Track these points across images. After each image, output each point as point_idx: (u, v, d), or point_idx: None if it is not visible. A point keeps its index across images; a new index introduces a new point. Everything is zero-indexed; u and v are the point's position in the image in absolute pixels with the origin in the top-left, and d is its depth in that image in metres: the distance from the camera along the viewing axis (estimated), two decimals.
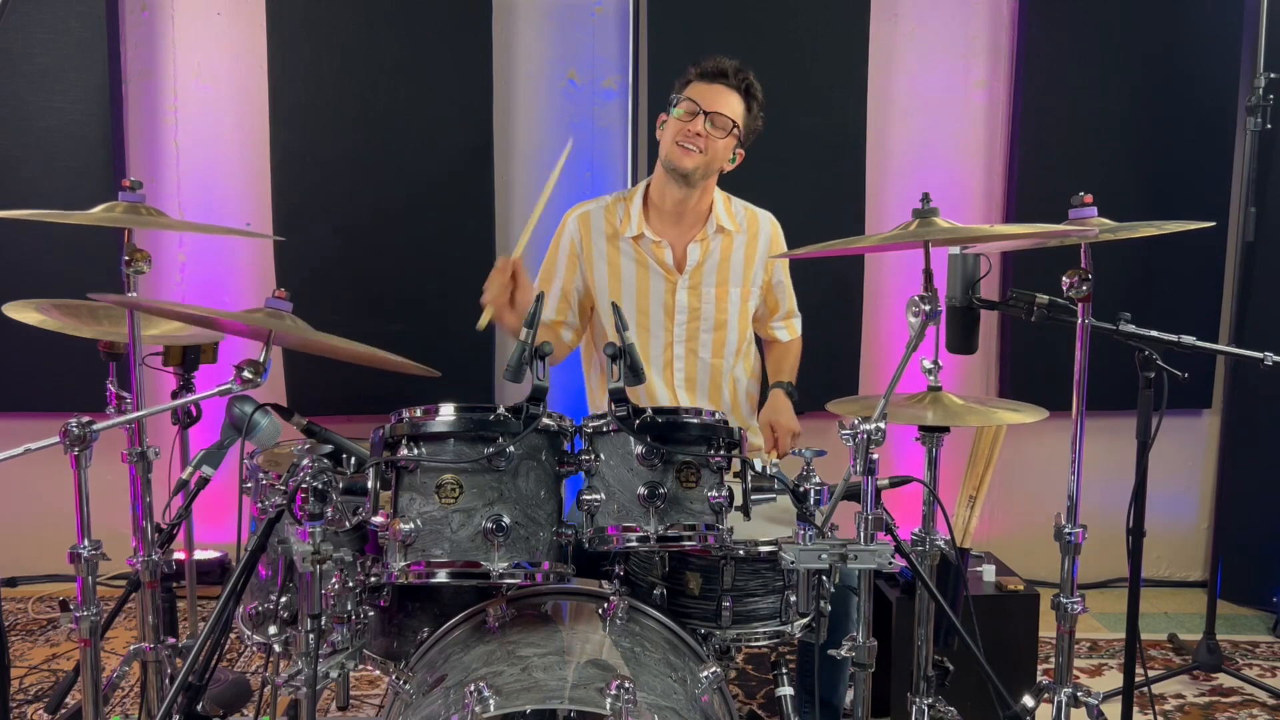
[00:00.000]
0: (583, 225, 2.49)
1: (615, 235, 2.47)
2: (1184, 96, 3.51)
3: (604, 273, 2.47)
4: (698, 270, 2.46)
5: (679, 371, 2.49)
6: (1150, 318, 2.01)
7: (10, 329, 2.34)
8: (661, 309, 2.47)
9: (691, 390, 2.51)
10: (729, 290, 2.48)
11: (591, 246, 2.48)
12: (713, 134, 2.33)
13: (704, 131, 2.32)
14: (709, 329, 2.48)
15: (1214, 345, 2.04)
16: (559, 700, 1.46)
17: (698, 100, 2.34)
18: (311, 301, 2.00)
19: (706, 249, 2.45)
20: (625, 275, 2.47)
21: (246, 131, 3.43)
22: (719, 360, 2.50)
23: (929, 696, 2.02)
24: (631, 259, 2.47)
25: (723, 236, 2.46)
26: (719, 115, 2.33)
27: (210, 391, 1.69)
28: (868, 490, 1.56)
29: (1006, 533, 3.55)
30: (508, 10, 3.45)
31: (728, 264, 2.47)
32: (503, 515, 1.55)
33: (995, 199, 3.63)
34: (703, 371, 2.50)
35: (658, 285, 2.46)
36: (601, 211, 2.50)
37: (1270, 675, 3.03)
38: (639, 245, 2.46)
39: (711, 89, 2.36)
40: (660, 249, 2.45)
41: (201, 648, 1.60)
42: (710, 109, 2.33)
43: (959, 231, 1.75)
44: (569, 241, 2.50)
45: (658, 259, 2.45)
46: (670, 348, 2.48)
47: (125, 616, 3.05)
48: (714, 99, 2.35)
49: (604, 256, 2.47)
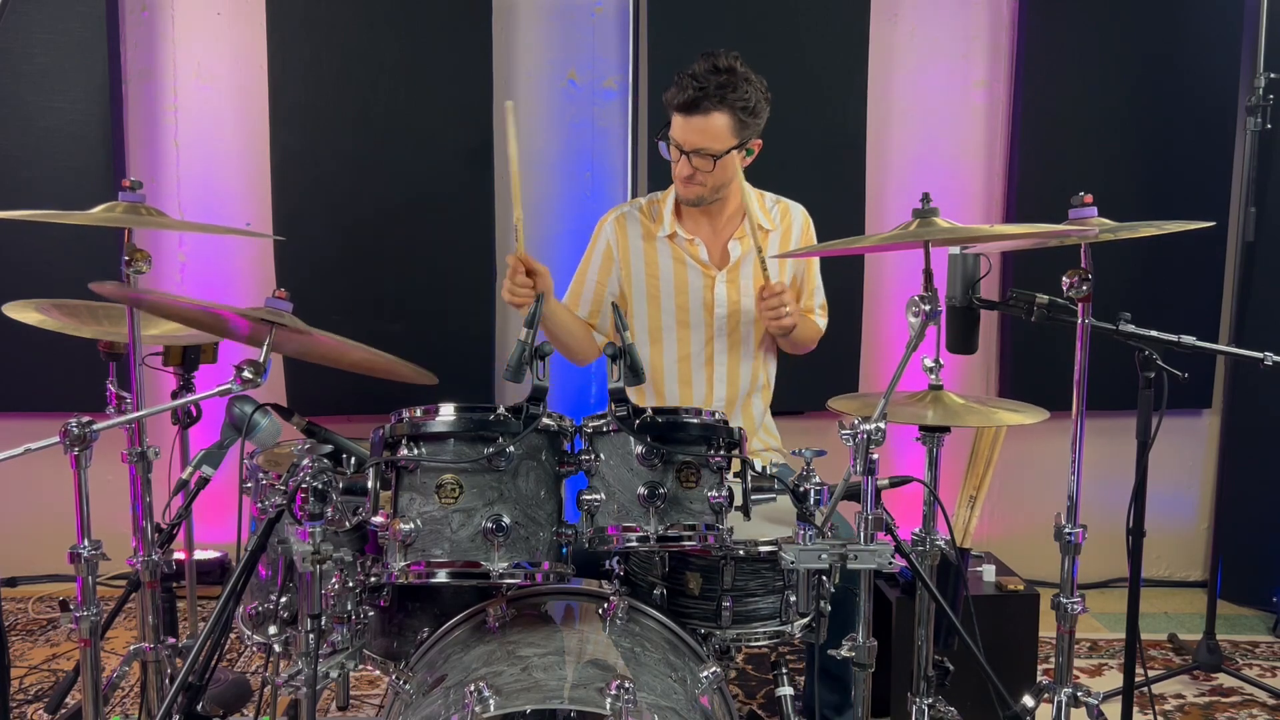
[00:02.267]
0: (619, 227, 2.49)
1: (651, 234, 2.47)
2: (1184, 96, 3.51)
3: (641, 271, 2.47)
4: (737, 266, 2.46)
5: (720, 367, 2.48)
6: (1150, 318, 2.01)
7: (10, 329, 2.34)
8: (701, 305, 2.46)
9: (733, 385, 2.49)
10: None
11: (629, 247, 2.48)
12: (702, 167, 2.29)
13: (693, 169, 2.30)
14: (750, 322, 2.48)
15: (1214, 345, 2.04)
16: (559, 700, 1.46)
17: (678, 140, 2.29)
18: (311, 301, 2.00)
19: (747, 245, 2.45)
20: (663, 272, 2.46)
21: (246, 131, 3.43)
22: (760, 352, 2.51)
23: (929, 696, 2.02)
24: (669, 256, 2.47)
25: (760, 233, 2.44)
26: (700, 152, 2.27)
27: (210, 391, 1.69)
28: (868, 490, 1.56)
29: (1006, 533, 3.55)
30: (508, 10, 3.45)
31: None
32: (503, 515, 1.55)
33: (995, 199, 3.63)
34: (745, 365, 2.49)
35: (696, 281, 2.46)
36: (636, 213, 2.50)
37: (1270, 675, 3.03)
38: (674, 243, 2.46)
39: (689, 122, 2.26)
40: (695, 246, 2.45)
41: (201, 648, 1.60)
42: (691, 148, 2.28)
43: (959, 231, 1.75)
44: (605, 243, 2.50)
45: (694, 256, 2.45)
46: (711, 343, 2.48)
47: (125, 616, 3.05)
48: (692, 135, 2.27)
49: (640, 255, 2.47)
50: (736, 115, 2.27)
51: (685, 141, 2.29)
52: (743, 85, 2.26)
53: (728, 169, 2.32)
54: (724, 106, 2.25)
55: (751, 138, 2.34)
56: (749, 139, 2.34)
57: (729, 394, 2.50)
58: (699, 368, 2.49)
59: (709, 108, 2.24)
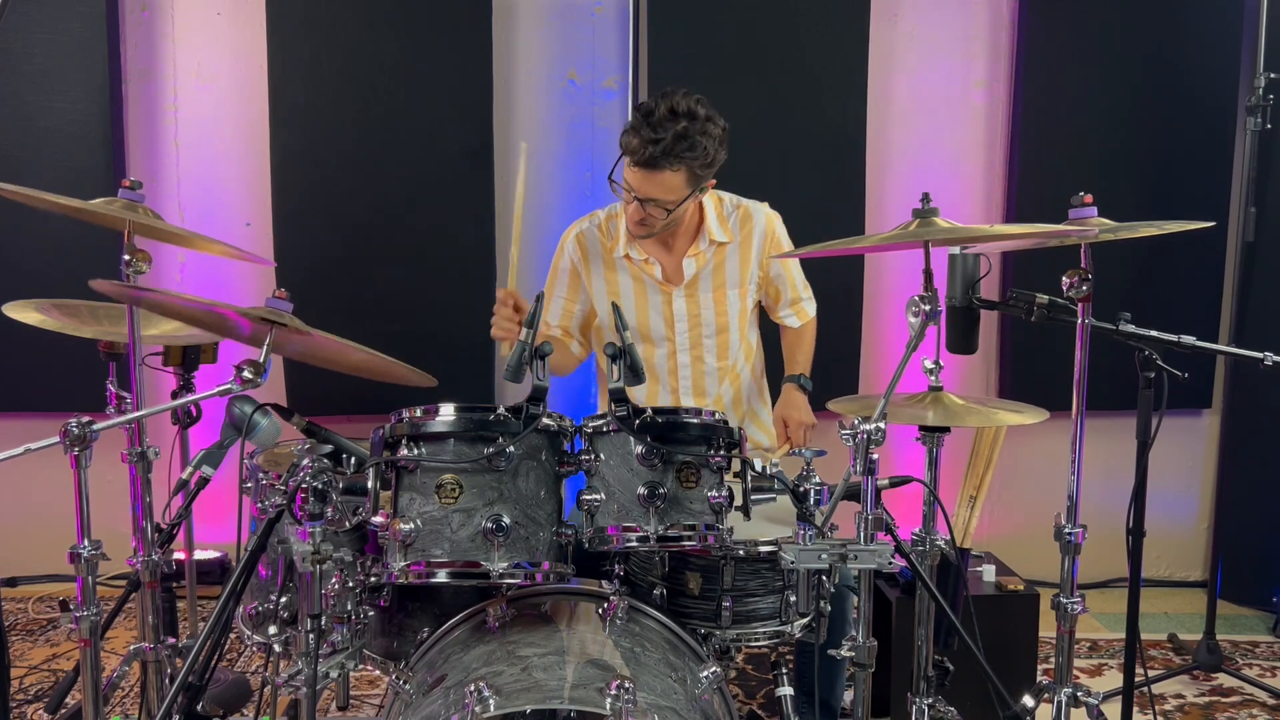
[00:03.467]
0: (579, 245, 2.50)
1: (609, 252, 2.47)
2: (1184, 96, 3.51)
3: (602, 289, 2.48)
4: (694, 281, 2.46)
5: (684, 380, 2.49)
6: (1150, 318, 2.01)
7: (10, 329, 2.34)
8: (661, 320, 2.47)
9: (700, 396, 2.50)
10: (726, 293, 2.47)
11: (589, 266, 2.48)
12: (654, 213, 2.26)
13: (645, 214, 2.26)
14: (711, 334, 2.48)
15: (1214, 345, 2.04)
16: (559, 700, 1.46)
17: (632, 185, 2.24)
18: (311, 301, 2.00)
19: (702, 261, 2.44)
20: (623, 290, 2.47)
21: (246, 131, 3.43)
22: (724, 363, 2.50)
23: (929, 696, 2.02)
24: (627, 274, 2.47)
25: (715, 247, 2.44)
26: (653, 203, 2.24)
27: (210, 391, 1.69)
28: (868, 490, 1.56)
29: (1006, 533, 3.54)
30: (508, 10, 3.45)
31: (723, 269, 2.46)
32: (503, 515, 1.55)
33: (995, 199, 3.63)
34: (709, 377, 2.50)
35: (654, 297, 2.46)
36: (595, 230, 2.49)
37: (1270, 675, 3.03)
38: (631, 263, 2.46)
39: (644, 175, 2.21)
40: (650, 265, 2.44)
41: (201, 648, 1.60)
42: (644, 197, 2.23)
43: (959, 231, 1.75)
44: (569, 261, 2.50)
45: (649, 275, 2.45)
46: (674, 356, 2.48)
47: (125, 616, 3.05)
48: (646, 187, 2.22)
49: (600, 274, 2.48)
50: (693, 171, 2.22)
51: (639, 189, 2.23)
52: (700, 140, 2.17)
53: (679, 213, 2.30)
54: (680, 164, 2.18)
55: (706, 180, 2.29)
56: (703, 183, 2.29)
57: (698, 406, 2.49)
58: (664, 380, 2.49)
59: (665, 166, 2.18)
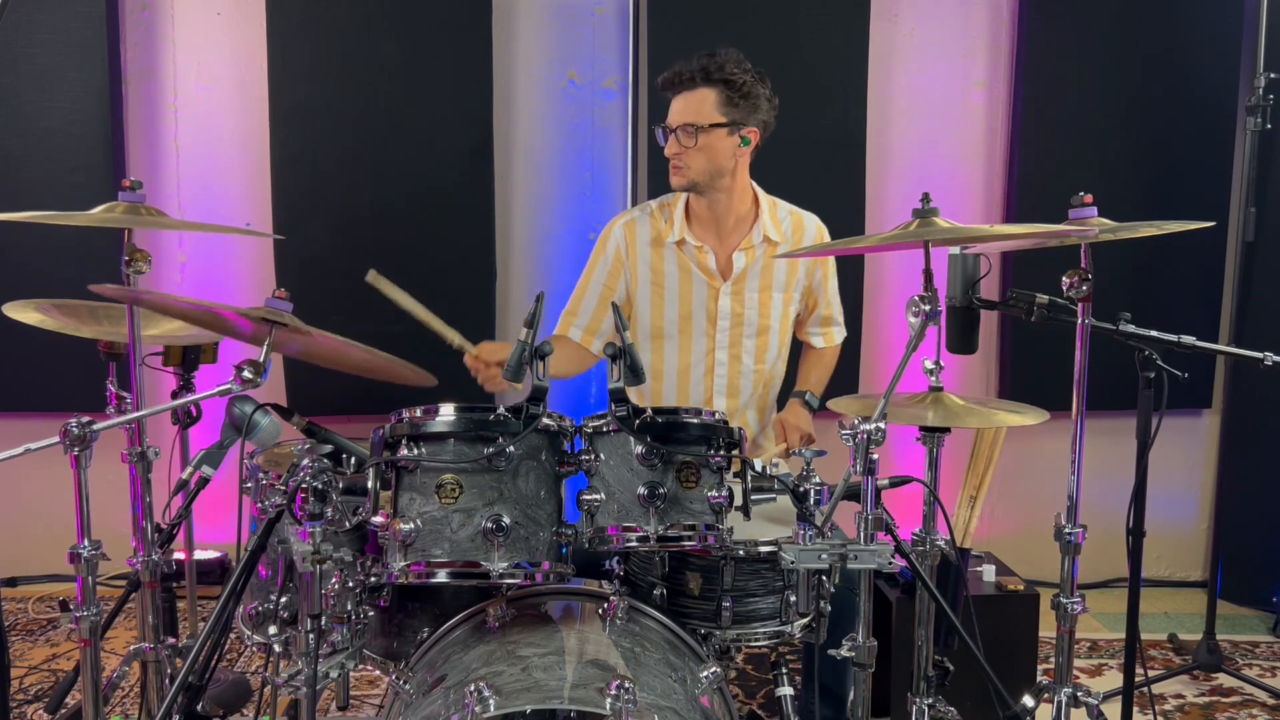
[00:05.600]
0: (628, 232, 2.50)
1: (659, 241, 2.47)
2: (1184, 96, 3.51)
3: (646, 278, 2.48)
4: (741, 277, 2.46)
5: (720, 378, 2.49)
6: (1150, 318, 2.01)
7: (10, 329, 2.34)
8: (704, 314, 2.47)
9: (733, 397, 2.50)
10: (772, 295, 2.48)
11: (636, 254, 2.48)
12: (685, 145, 2.31)
13: (678, 149, 2.32)
14: (752, 334, 2.48)
15: (1214, 345, 2.04)
16: (559, 700, 1.46)
17: (668, 123, 2.35)
18: (311, 301, 2.00)
19: (752, 257, 2.45)
20: (668, 280, 2.47)
21: (246, 131, 3.43)
22: (761, 365, 2.51)
23: (929, 696, 2.02)
24: (675, 264, 2.47)
25: (767, 245, 2.46)
26: (683, 127, 2.31)
27: (210, 391, 1.69)
28: (868, 490, 1.56)
29: (1006, 533, 3.54)
30: (508, 10, 3.45)
31: (771, 270, 2.47)
32: (503, 515, 1.55)
33: (995, 199, 3.63)
34: (745, 378, 2.50)
35: (700, 291, 2.46)
36: (646, 218, 2.50)
37: (1270, 675, 3.03)
38: (682, 250, 2.46)
39: (676, 101, 2.35)
40: (703, 254, 2.45)
41: (201, 648, 1.60)
42: (674, 125, 2.33)
43: (959, 231, 1.75)
44: (614, 248, 2.50)
45: (700, 264, 2.45)
46: (712, 353, 2.48)
47: (125, 616, 3.05)
48: (676, 112, 2.35)
49: (647, 262, 2.48)
50: (723, 91, 2.30)
51: (672, 120, 2.34)
52: (731, 66, 2.29)
53: (714, 151, 2.32)
54: (709, 82, 2.30)
55: (745, 121, 2.34)
56: (740, 120, 2.33)
57: (729, 406, 2.50)
58: (699, 378, 2.49)
59: (695, 83, 2.30)
